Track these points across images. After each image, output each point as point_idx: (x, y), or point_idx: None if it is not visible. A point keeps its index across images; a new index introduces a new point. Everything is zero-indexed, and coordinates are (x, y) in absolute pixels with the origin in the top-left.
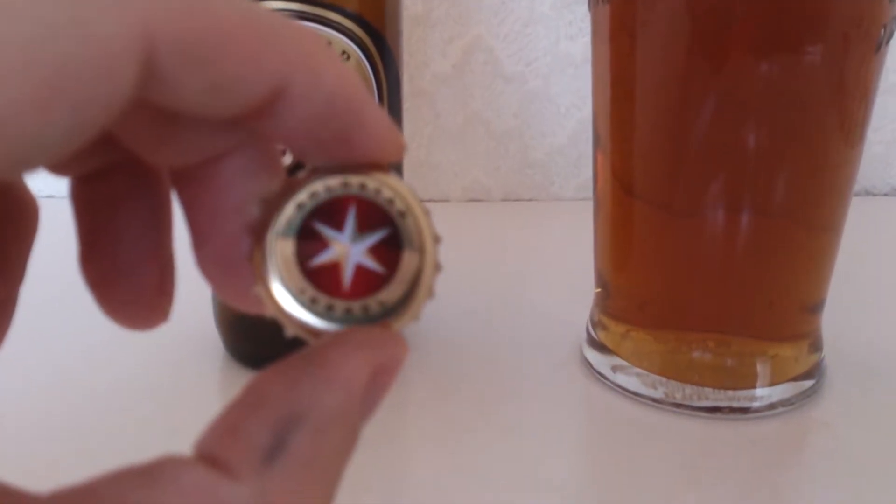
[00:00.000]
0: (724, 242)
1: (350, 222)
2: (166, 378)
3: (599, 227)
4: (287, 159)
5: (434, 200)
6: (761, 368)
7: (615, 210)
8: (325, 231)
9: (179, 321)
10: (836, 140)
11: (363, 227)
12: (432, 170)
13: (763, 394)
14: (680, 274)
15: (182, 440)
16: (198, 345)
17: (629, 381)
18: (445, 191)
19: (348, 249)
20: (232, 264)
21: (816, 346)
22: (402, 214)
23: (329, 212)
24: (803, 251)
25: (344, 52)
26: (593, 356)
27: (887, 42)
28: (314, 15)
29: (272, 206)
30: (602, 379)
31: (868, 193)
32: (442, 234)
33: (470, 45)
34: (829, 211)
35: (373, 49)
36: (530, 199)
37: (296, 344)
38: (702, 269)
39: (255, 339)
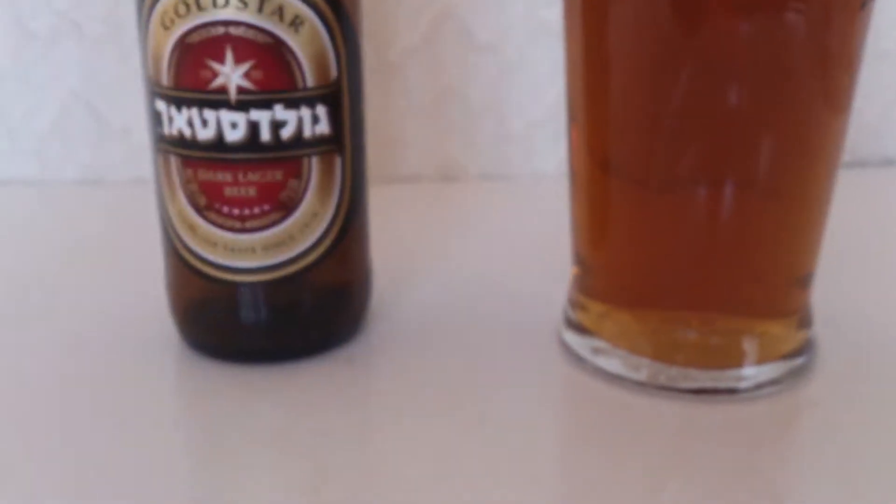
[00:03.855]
0: (706, 217)
1: None
2: (120, 372)
3: (575, 204)
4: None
5: (407, 180)
6: (748, 346)
7: (591, 186)
8: None
9: (130, 312)
10: (821, 107)
11: None
12: (404, 147)
13: (750, 373)
14: (660, 251)
15: (140, 436)
16: (152, 336)
17: (610, 363)
18: (418, 169)
19: None
20: None
21: (806, 322)
22: None
23: None
24: (788, 223)
25: (297, 17)
26: (572, 338)
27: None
28: None
29: None
30: (582, 362)
31: (861, 164)
32: (416, 214)
33: (440, 16)
34: (815, 181)
35: (329, 14)
36: (509, 176)
37: (256, 331)
38: (683, 245)
39: (212, 328)
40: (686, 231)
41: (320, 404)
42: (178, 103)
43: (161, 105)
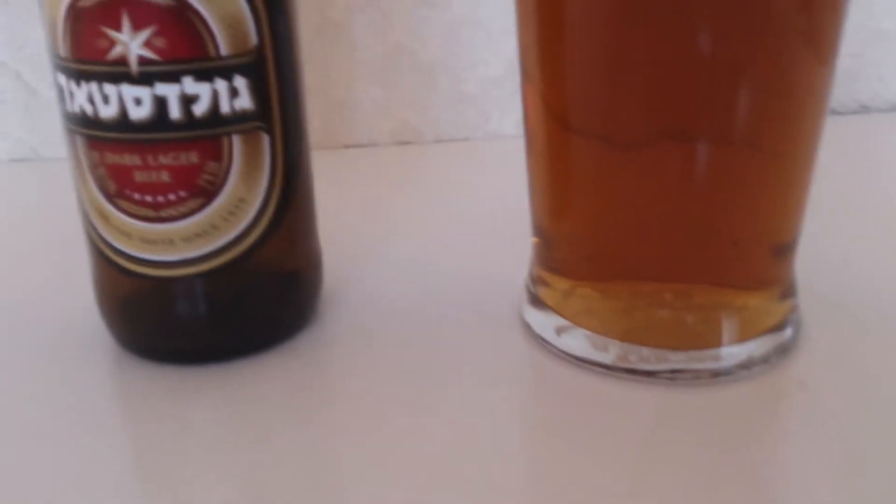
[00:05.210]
0: (678, 177)
1: None
2: (56, 381)
3: (533, 168)
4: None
5: (359, 146)
6: (727, 323)
7: (550, 147)
8: None
9: (60, 318)
10: (804, 52)
11: None
12: (354, 111)
13: (730, 352)
14: (629, 217)
15: (69, 443)
16: (85, 340)
17: (575, 344)
18: (371, 134)
19: None
20: None
21: (789, 293)
22: None
23: None
24: (770, 184)
25: None
26: (534, 317)
27: None
28: None
29: None
30: (545, 344)
31: (833, 112)
32: (370, 181)
33: None
34: (798, 136)
35: None
36: (465, 139)
37: (184, 330)
38: (653, 210)
39: (138, 327)
40: (657, 194)
41: (261, 408)
42: (77, 77)
43: (62, 78)
